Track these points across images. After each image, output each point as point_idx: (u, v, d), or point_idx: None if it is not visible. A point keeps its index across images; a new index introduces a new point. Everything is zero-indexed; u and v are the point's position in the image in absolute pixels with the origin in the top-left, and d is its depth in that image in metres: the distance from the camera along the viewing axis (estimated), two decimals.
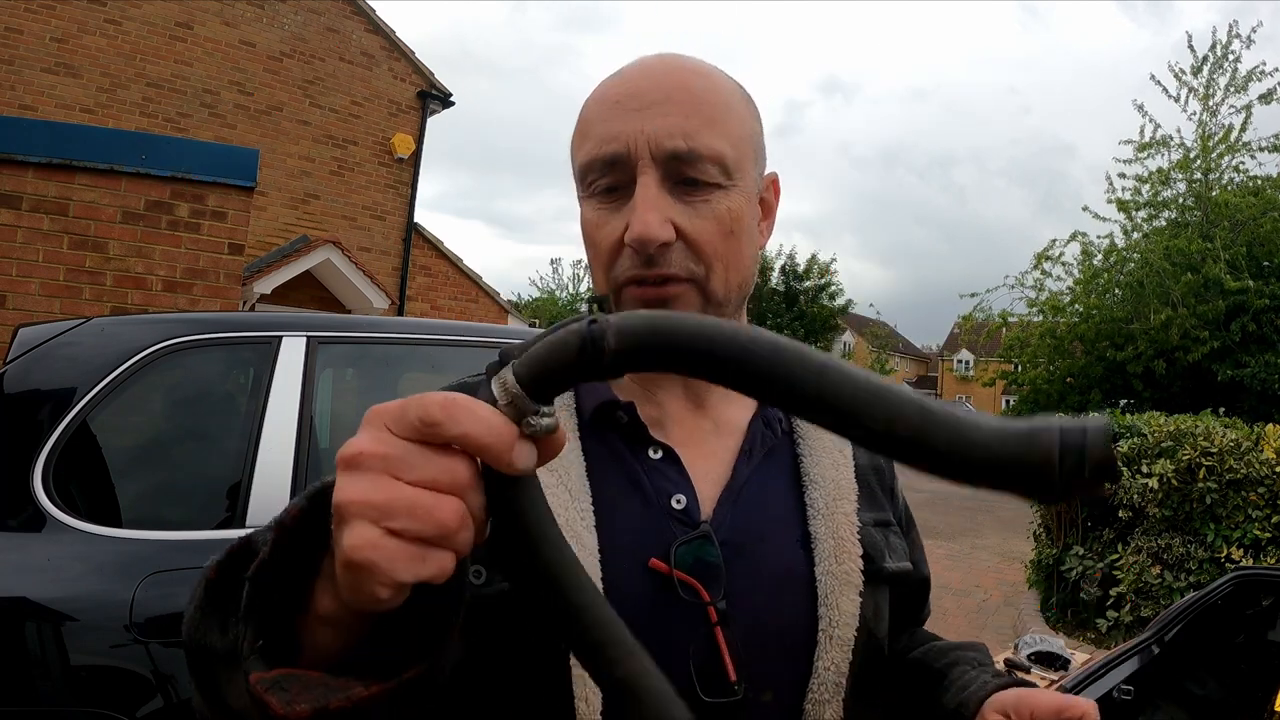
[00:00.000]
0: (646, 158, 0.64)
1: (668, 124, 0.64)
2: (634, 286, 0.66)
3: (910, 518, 0.85)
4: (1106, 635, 5.29)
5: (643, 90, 0.66)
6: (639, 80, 0.67)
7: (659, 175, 0.64)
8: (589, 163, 0.67)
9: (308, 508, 0.44)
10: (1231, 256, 13.81)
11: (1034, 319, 17.18)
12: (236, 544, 0.48)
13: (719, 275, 0.67)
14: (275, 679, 0.40)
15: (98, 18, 9.06)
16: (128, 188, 4.11)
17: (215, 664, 0.46)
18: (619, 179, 0.66)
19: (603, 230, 0.67)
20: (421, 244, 11.32)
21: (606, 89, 0.69)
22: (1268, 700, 2.53)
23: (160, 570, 1.98)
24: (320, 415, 2.76)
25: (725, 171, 0.66)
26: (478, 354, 2.73)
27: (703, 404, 0.74)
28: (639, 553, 0.64)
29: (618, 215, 0.66)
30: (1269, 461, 5.00)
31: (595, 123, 0.67)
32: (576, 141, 0.70)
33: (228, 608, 0.46)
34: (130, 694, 1.90)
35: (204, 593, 0.48)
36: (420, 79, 11.43)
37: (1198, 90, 15.03)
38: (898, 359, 54.55)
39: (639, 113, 0.65)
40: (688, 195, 0.65)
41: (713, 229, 0.66)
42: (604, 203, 0.67)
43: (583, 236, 0.70)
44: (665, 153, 0.64)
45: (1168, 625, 2.75)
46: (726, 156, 0.66)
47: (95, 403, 2.15)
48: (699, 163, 0.65)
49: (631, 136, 0.64)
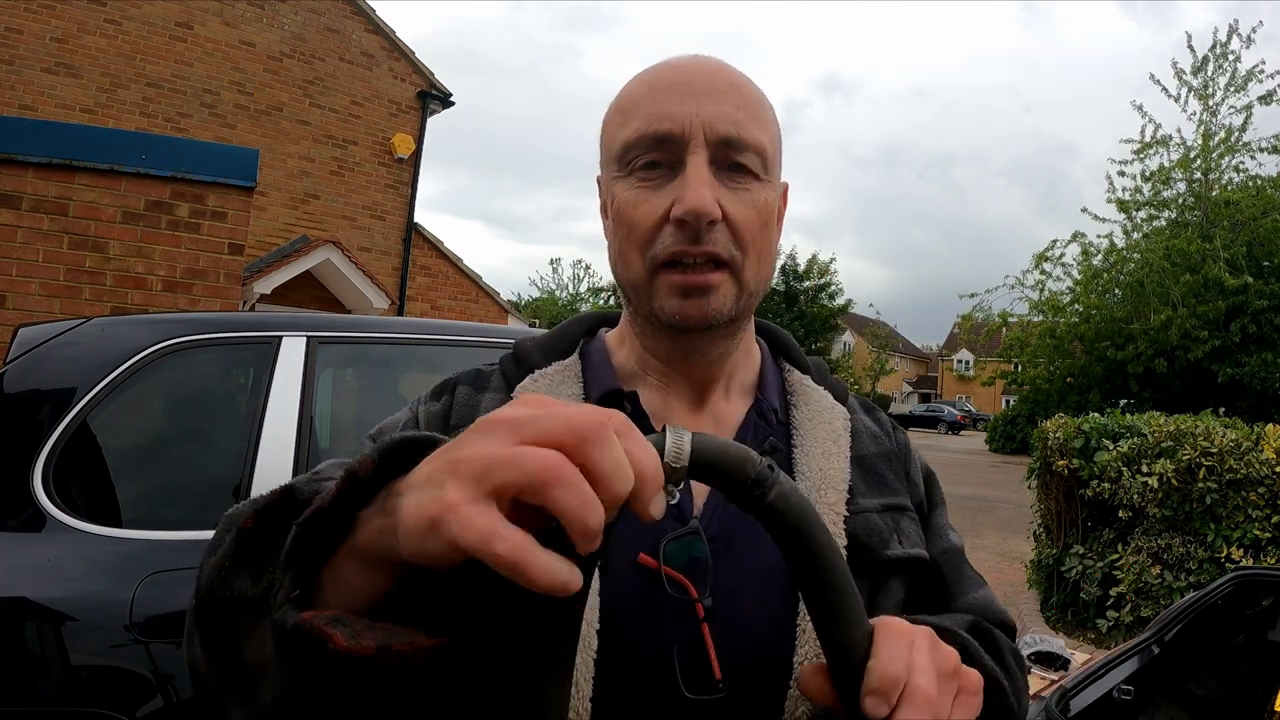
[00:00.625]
0: (700, 138, 0.66)
1: (721, 111, 0.67)
2: (674, 271, 0.67)
3: (935, 499, 0.82)
4: (1106, 635, 5.29)
5: (697, 78, 0.68)
6: (693, 69, 0.70)
7: (708, 157, 0.66)
8: (635, 139, 0.67)
9: (380, 462, 0.43)
10: (1231, 256, 13.81)
11: (1034, 319, 17.20)
12: (275, 495, 0.48)
13: (752, 264, 0.69)
14: (333, 616, 0.39)
15: (98, 18, 9.06)
16: (128, 188, 4.12)
17: (238, 613, 0.46)
18: (664, 157, 0.67)
19: (643, 208, 0.67)
20: (421, 244, 11.32)
21: (657, 75, 0.70)
22: (1268, 700, 2.53)
23: (160, 570, 1.98)
24: (320, 415, 2.76)
25: (764, 165, 0.69)
26: (478, 354, 2.73)
27: (705, 400, 0.74)
28: (628, 546, 0.63)
29: (659, 193, 0.67)
30: (1269, 461, 5.00)
31: (643, 103, 0.68)
32: (618, 120, 0.70)
33: (262, 557, 0.46)
34: (130, 694, 1.90)
35: (236, 542, 0.47)
36: (420, 79, 11.43)
37: (1198, 90, 15.03)
38: (898, 359, 54.53)
39: (694, 97, 0.67)
40: (731, 181, 0.67)
41: (753, 216, 0.68)
42: (643, 181, 0.68)
43: (614, 215, 0.70)
44: (718, 136, 0.66)
45: (1168, 625, 2.76)
46: (767, 150, 0.69)
47: (95, 403, 2.15)
48: (746, 151, 0.67)
49: (686, 117, 0.66)
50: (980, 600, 0.78)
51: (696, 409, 0.74)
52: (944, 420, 42.02)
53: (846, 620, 0.51)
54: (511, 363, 0.77)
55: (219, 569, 0.47)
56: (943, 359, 59.68)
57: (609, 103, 0.74)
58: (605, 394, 0.72)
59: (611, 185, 0.71)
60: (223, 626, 0.47)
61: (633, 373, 0.75)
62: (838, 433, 0.75)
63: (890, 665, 0.50)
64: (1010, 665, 0.70)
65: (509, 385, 0.74)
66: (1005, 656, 0.70)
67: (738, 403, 0.76)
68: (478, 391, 0.75)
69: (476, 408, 0.73)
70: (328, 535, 0.43)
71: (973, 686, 0.55)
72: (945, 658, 0.54)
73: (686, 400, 0.74)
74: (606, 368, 0.75)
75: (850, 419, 0.77)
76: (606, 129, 0.73)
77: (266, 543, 0.46)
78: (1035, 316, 16.92)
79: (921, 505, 0.80)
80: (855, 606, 0.51)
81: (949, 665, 0.54)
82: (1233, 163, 14.79)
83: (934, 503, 0.82)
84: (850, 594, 0.51)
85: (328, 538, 0.43)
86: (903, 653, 0.51)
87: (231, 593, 0.46)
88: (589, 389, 0.73)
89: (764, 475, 0.47)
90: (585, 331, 0.82)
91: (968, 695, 0.54)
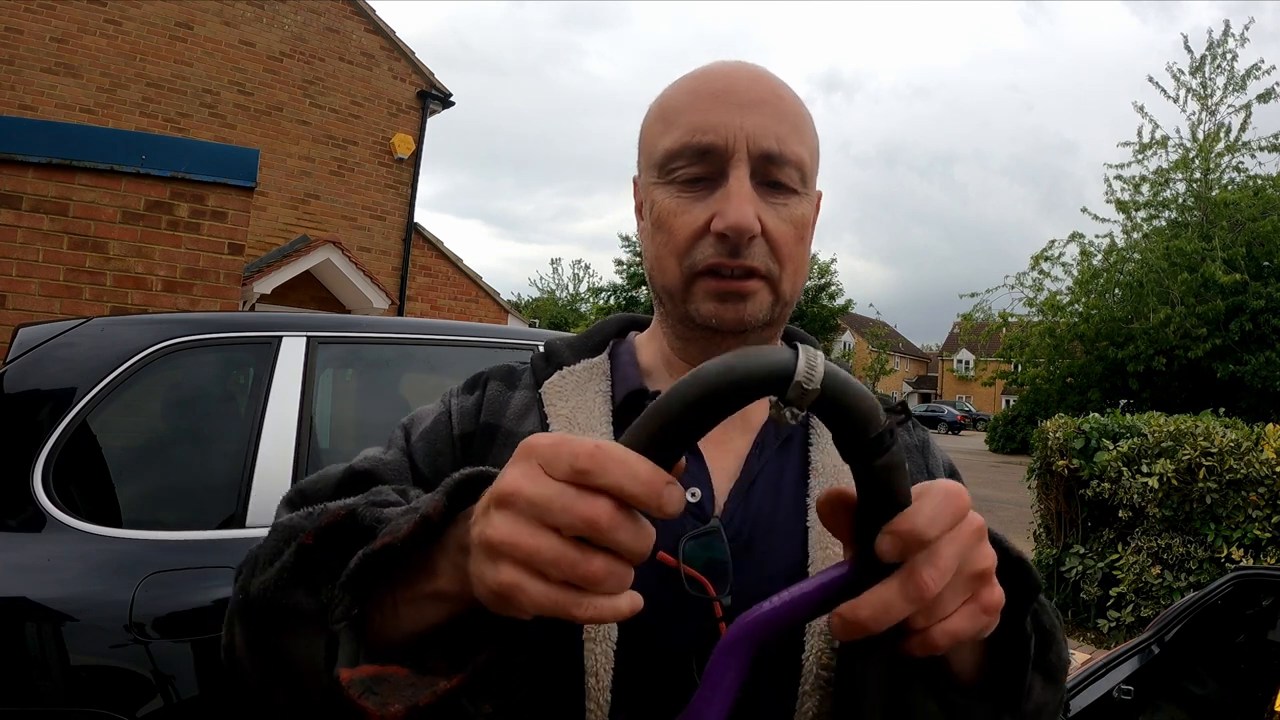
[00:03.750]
0: (742, 152, 0.66)
1: (764, 124, 0.67)
2: (711, 278, 0.68)
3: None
4: (1107, 635, 5.29)
5: (741, 89, 0.68)
6: (737, 78, 0.69)
7: (749, 170, 0.67)
8: (678, 149, 0.68)
9: (448, 506, 0.47)
10: (1230, 255, 13.80)
11: (1033, 319, 17.20)
12: (338, 515, 0.52)
13: (789, 277, 0.70)
14: (365, 682, 0.43)
15: (98, 18, 9.06)
16: (128, 188, 4.12)
17: (289, 620, 0.51)
18: (707, 170, 0.67)
19: (682, 218, 0.68)
20: (421, 244, 11.32)
21: (700, 82, 0.70)
22: (1268, 700, 2.53)
23: (160, 570, 1.98)
24: (320, 415, 2.76)
25: (803, 179, 0.69)
26: (478, 354, 2.72)
27: None
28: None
29: (700, 204, 0.67)
30: (1269, 461, 5.00)
31: (687, 111, 0.69)
32: (659, 128, 0.71)
33: (319, 573, 0.50)
34: (130, 694, 1.90)
35: (296, 556, 0.52)
36: (420, 79, 11.43)
37: (1195, 91, 15.03)
38: (898, 359, 54.54)
39: (739, 109, 0.67)
40: (770, 196, 0.68)
41: (790, 232, 0.68)
42: (685, 191, 0.68)
43: (653, 220, 0.71)
44: (760, 151, 0.66)
45: (1168, 625, 2.76)
46: (806, 164, 0.69)
47: (95, 403, 2.15)
48: (786, 166, 0.68)
49: (731, 130, 0.66)
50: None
51: None
52: (944, 420, 42.03)
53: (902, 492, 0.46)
54: (541, 360, 0.79)
55: (277, 579, 0.52)
56: (943, 359, 59.67)
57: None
58: (630, 393, 0.73)
59: (651, 190, 0.71)
60: (271, 628, 0.52)
61: (659, 373, 0.76)
62: None
63: (925, 522, 0.45)
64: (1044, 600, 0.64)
65: (538, 382, 0.76)
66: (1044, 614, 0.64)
67: (760, 403, 0.76)
68: (509, 389, 0.77)
69: (507, 404, 0.75)
70: (392, 567, 0.47)
71: (992, 604, 0.49)
72: (984, 555, 0.48)
73: None
74: (633, 367, 0.77)
75: None
76: (647, 133, 0.73)
77: (324, 560, 0.51)
78: (1034, 317, 16.92)
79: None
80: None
81: (980, 565, 0.48)
82: (1232, 162, 14.79)
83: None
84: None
85: (392, 569, 0.48)
86: (945, 518, 0.45)
87: (288, 602, 0.51)
88: (615, 387, 0.75)
89: (886, 435, 0.43)
90: (616, 332, 0.83)
91: (980, 609, 0.48)
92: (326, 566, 0.50)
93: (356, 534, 0.50)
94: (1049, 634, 0.62)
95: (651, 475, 0.40)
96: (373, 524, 0.50)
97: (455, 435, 0.73)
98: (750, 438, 0.73)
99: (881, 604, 0.44)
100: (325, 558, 0.51)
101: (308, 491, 0.70)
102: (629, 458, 0.40)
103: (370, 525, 0.50)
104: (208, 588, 2.03)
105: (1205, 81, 14.73)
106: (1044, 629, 0.62)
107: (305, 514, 0.57)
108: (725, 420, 0.73)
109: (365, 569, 0.47)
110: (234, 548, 2.11)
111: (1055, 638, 0.63)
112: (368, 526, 0.50)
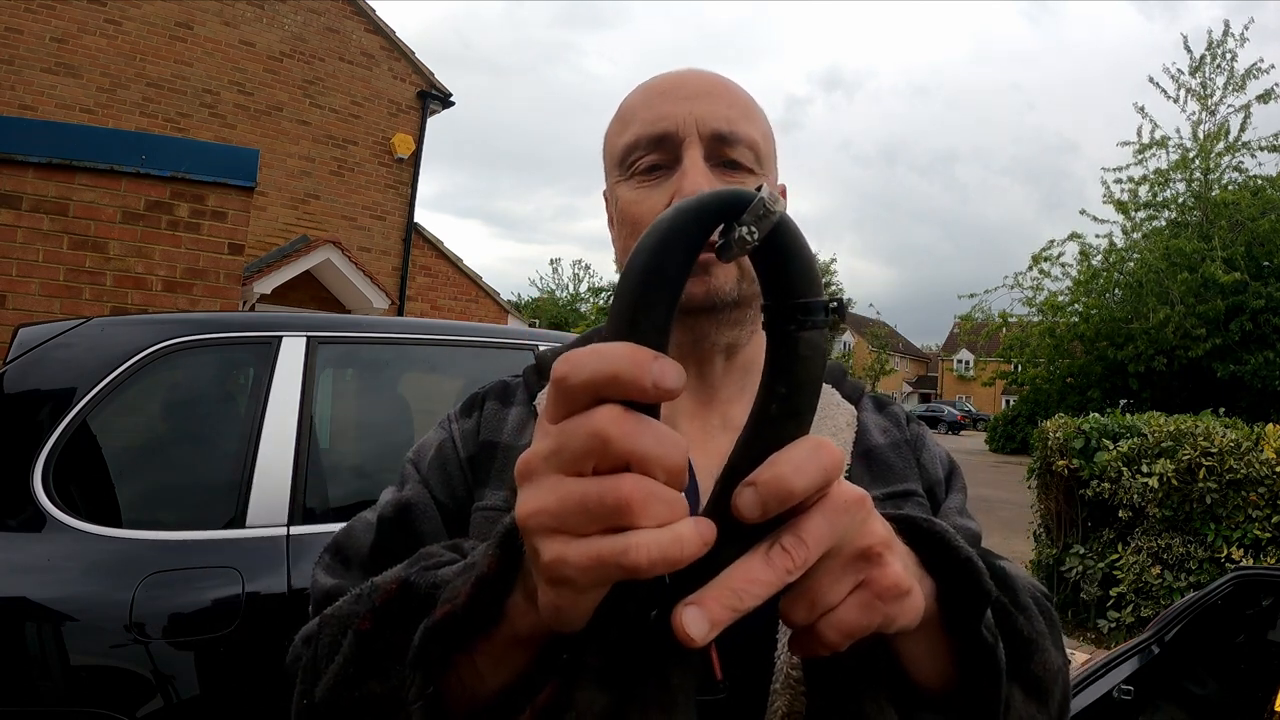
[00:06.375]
0: (694, 135, 0.70)
1: (713, 109, 0.71)
2: None
3: (953, 486, 0.80)
4: (1107, 635, 5.29)
5: (688, 82, 0.73)
6: (684, 75, 0.74)
7: (703, 153, 0.70)
8: (635, 141, 0.71)
9: (502, 556, 0.43)
10: (1229, 255, 13.80)
11: (1033, 319, 17.21)
12: (391, 591, 0.49)
13: None
14: None
15: (98, 18, 9.06)
16: (128, 188, 4.12)
17: (363, 715, 0.49)
18: (663, 158, 0.71)
19: (644, 204, 0.71)
20: (421, 244, 11.33)
21: (650, 84, 0.75)
22: (1268, 700, 2.53)
23: (160, 570, 1.98)
24: (320, 415, 2.76)
25: (758, 159, 0.72)
26: (477, 354, 2.73)
27: (712, 400, 0.75)
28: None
29: (658, 190, 0.71)
30: (1269, 461, 5.00)
31: (641, 108, 0.73)
32: (617, 129, 0.75)
33: (385, 656, 0.48)
34: (130, 694, 1.90)
35: (356, 645, 0.49)
36: (420, 79, 11.43)
37: (1195, 91, 15.03)
38: (898, 359, 54.52)
39: (686, 99, 0.71)
40: (727, 175, 0.71)
41: None
42: (644, 181, 0.72)
43: (618, 217, 0.74)
44: (710, 132, 0.70)
45: (1168, 625, 2.76)
46: (759, 145, 0.73)
47: (95, 403, 2.15)
48: (738, 145, 0.71)
49: (680, 117, 0.70)
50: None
51: (705, 411, 0.75)
52: (944, 420, 42.02)
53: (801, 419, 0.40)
54: (534, 373, 0.79)
55: (342, 676, 0.50)
56: (943, 359, 59.66)
57: (609, 105, 0.78)
58: None
59: (615, 190, 0.74)
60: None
61: None
62: (840, 427, 0.76)
63: (791, 473, 0.38)
64: (1026, 605, 0.57)
65: (531, 396, 0.77)
66: (1021, 596, 0.57)
67: (747, 403, 0.76)
68: (504, 406, 0.77)
69: (504, 420, 0.76)
70: (460, 635, 0.45)
71: (888, 589, 0.41)
72: (869, 531, 0.41)
73: (694, 403, 0.75)
74: None
75: (858, 416, 0.78)
76: (608, 140, 0.77)
77: (388, 641, 0.48)
78: (1034, 317, 16.92)
79: (934, 490, 0.79)
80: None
81: (864, 541, 0.41)
82: (1232, 162, 14.79)
83: (951, 489, 0.81)
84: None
85: (461, 636, 0.45)
86: (812, 469, 0.38)
87: (360, 694, 0.49)
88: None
89: (822, 308, 0.39)
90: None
91: (874, 596, 0.41)
92: (392, 646, 0.48)
93: (415, 604, 0.48)
94: (1029, 642, 0.55)
95: (629, 350, 0.34)
96: (429, 591, 0.48)
97: (463, 459, 0.74)
98: (732, 437, 0.72)
99: (746, 580, 0.38)
100: (388, 638, 0.48)
101: (346, 550, 0.70)
102: (600, 347, 0.35)
103: (427, 593, 0.48)
104: (208, 588, 2.03)
105: (1205, 81, 14.74)
106: (1022, 637, 0.55)
107: (354, 598, 0.54)
108: (705, 421, 0.74)
109: (430, 643, 0.45)
110: (234, 548, 2.11)
111: (1039, 645, 0.56)
112: (425, 595, 0.48)
